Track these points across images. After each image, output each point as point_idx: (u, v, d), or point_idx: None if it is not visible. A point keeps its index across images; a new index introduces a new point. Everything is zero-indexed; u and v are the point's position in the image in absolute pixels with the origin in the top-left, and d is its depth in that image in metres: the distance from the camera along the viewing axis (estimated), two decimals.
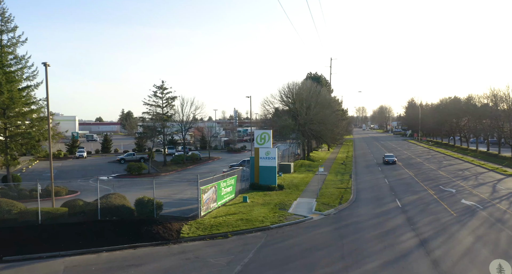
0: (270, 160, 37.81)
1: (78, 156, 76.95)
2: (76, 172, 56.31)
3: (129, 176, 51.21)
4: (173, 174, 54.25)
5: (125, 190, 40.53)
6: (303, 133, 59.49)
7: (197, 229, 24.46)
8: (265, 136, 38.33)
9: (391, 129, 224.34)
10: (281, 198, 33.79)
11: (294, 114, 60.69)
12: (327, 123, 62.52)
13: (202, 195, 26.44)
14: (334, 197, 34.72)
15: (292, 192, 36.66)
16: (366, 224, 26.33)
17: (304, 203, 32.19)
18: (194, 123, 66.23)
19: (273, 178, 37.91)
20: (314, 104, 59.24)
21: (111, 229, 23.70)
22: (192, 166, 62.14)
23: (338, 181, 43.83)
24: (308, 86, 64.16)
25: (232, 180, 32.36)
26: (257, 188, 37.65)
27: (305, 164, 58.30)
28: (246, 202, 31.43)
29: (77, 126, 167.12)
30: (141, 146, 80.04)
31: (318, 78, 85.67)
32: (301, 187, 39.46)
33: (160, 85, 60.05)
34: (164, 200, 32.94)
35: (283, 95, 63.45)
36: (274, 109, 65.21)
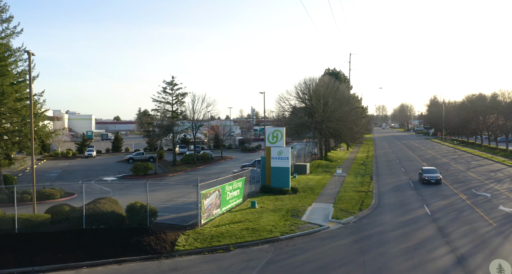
0: (283, 161, 34.37)
1: (87, 155, 74.85)
2: (81, 172, 53.91)
3: (134, 176, 48.47)
4: (181, 174, 51.30)
5: (126, 192, 37.80)
6: (320, 131, 55.82)
7: (195, 240, 21.24)
8: (277, 134, 34.92)
9: (412, 128, 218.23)
10: (294, 203, 30.34)
11: (310, 111, 57.06)
12: (346, 120, 58.68)
13: (203, 200, 23.21)
14: (354, 202, 31.09)
15: (307, 196, 33.15)
16: (391, 236, 22.70)
17: (319, 209, 28.68)
18: (206, 121, 63.04)
19: (285, 180, 34.47)
20: (332, 101, 55.49)
21: (96, 240, 20.67)
22: (203, 166, 59.14)
23: (358, 184, 40.12)
24: (326, 81, 60.45)
25: (240, 182, 29.06)
26: (268, 191, 34.28)
27: (322, 165, 54.63)
28: (254, 208, 28.09)
29: (93, 125, 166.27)
30: (152, 145, 77.50)
31: (337, 74, 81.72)
32: (317, 190, 35.92)
33: (170, 81, 57.24)
34: (165, 205, 30.08)
35: (299, 91, 59.89)
36: (290, 106, 61.66)
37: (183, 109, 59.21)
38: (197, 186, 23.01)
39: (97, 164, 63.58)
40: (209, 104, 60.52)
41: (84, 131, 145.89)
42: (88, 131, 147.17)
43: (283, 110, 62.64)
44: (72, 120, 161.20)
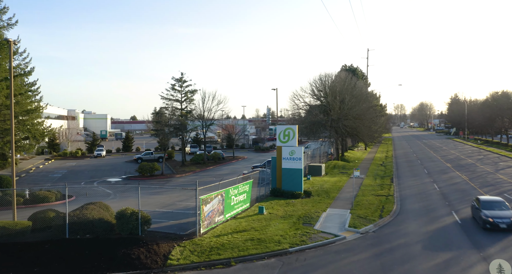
0: (295, 162, 31.48)
1: (96, 155, 73.08)
2: (87, 172, 51.91)
3: (139, 177, 46.18)
4: (189, 175, 48.82)
5: (128, 195, 35.47)
6: (336, 130, 52.70)
7: (191, 253, 18.58)
8: (289, 132, 32.05)
9: (432, 127, 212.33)
10: (307, 208, 27.44)
11: (326, 109, 54.00)
12: (363, 118, 55.42)
13: (203, 206, 20.52)
14: (373, 207, 28.05)
15: (321, 201, 30.21)
16: (417, 249, 19.66)
17: (335, 216, 25.76)
18: (216, 119, 60.39)
19: (298, 183, 31.57)
20: (349, 97, 52.30)
21: (79, 252, 18.16)
22: (213, 166, 56.60)
23: (377, 186, 37.00)
24: (343, 77, 57.27)
25: (246, 186, 26.28)
26: (279, 195, 31.44)
27: (338, 166, 51.50)
28: (262, 214, 25.29)
29: (108, 125, 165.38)
30: (163, 145, 75.23)
31: (354, 70, 78.29)
32: (333, 194, 32.93)
33: (179, 78, 54.87)
34: (163, 210, 27.51)
35: (314, 88, 56.82)
36: (305, 104, 58.63)
37: (192, 107, 56.81)
38: (196, 190, 20.31)
39: (105, 164, 61.65)
40: (220, 101, 57.95)
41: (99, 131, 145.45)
42: (102, 131, 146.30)
43: (297, 108, 59.67)
44: (87, 120, 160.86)
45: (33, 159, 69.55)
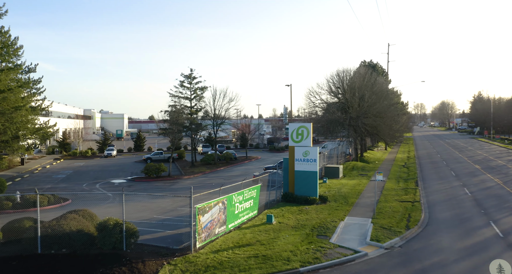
0: (309, 164, 28.24)
1: (106, 155, 70.96)
2: (92, 173, 49.56)
3: (145, 179, 43.56)
4: (198, 177, 45.98)
5: (129, 198, 32.62)
6: (355, 128, 49.19)
7: (182, 273, 15.60)
8: (302, 131, 28.83)
9: (454, 127, 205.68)
10: (323, 216, 24.20)
11: (344, 106, 50.53)
12: (384, 116, 51.76)
13: (199, 217, 17.51)
14: (398, 216, 24.67)
15: (339, 207, 26.91)
16: (455, 271, 16.29)
17: (354, 226, 22.49)
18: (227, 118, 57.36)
19: (312, 187, 28.31)
20: (369, 94, 48.74)
21: (50, 271, 15.38)
22: (224, 167, 53.69)
23: (401, 191, 33.52)
24: (362, 73, 53.70)
25: (253, 191, 23.18)
26: (291, 200, 28.26)
27: (357, 167, 47.98)
28: (270, 224, 22.16)
29: (125, 124, 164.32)
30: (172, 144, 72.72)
31: (374, 66, 74.42)
32: (352, 199, 29.59)
33: (188, 74, 52.08)
34: (164, 216, 24.66)
35: (331, 84, 53.40)
36: (321, 102, 55.21)
37: (202, 105, 54.00)
38: (190, 198, 17.30)
39: (113, 164, 59.38)
40: (231, 99, 54.95)
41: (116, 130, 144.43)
42: (118, 130, 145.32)
43: (314, 105, 56.27)
44: (104, 119, 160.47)
45: (42, 158, 67.87)
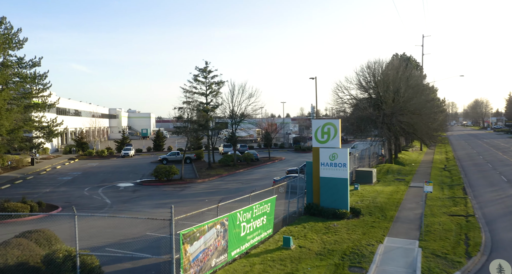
0: (338, 169, 23.29)
1: (123, 154, 67.63)
2: (101, 175, 45.93)
3: (154, 182, 39.50)
4: (214, 180, 41.55)
5: (130, 206, 28.67)
6: (389, 126, 43.72)
7: None
8: (329, 129, 23.90)
9: (489, 126, 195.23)
10: (356, 237, 19.25)
11: (377, 102, 45.14)
12: (422, 113, 46.07)
13: (185, 246, 12.84)
14: (452, 237, 19.48)
15: (376, 224, 21.87)
16: None
17: (398, 252, 17.46)
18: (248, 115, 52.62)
19: (342, 198, 23.33)
20: (405, 88, 43.21)
21: None
22: (244, 169, 49.13)
23: (447, 200, 28.15)
24: (396, 65, 48.18)
25: (267, 205, 18.43)
26: (316, 213, 23.37)
27: (392, 170, 42.50)
28: (288, 248, 17.37)
29: (152, 123, 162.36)
30: (195, 144, 68.81)
31: (407, 59, 68.43)
32: (390, 212, 24.47)
33: (203, 68, 47.80)
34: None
35: (361, 78, 48.05)
36: (350, 97, 49.88)
37: (219, 101, 49.62)
38: (171, 222, 12.67)
39: (127, 165, 55.81)
40: (251, 94, 50.21)
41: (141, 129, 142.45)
42: (143, 129, 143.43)
43: (342, 102, 50.92)
44: (131, 118, 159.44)
45: (57, 158, 65.15)
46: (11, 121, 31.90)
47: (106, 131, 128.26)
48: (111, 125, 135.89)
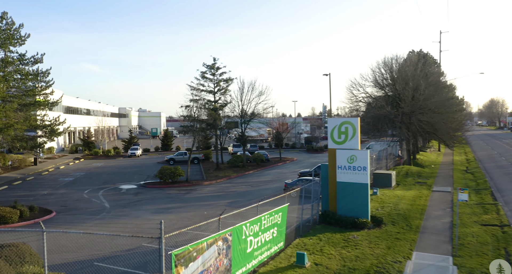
0: (357, 173, 20.83)
1: (130, 154, 65.80)
2: (105, 176, 44.02)
3: (158, 184, 37.45)
4: (221, 182, 39.32)
5: (128, 212, 26.52)
6: (407, 126, 41.03)
7: None
8: (346, 128, 21.46)
9: (505, 126, 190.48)
10: (379, 252, 16.82)
11: (395, 99, 42.48)
12: (443, 112, 43.30)
13: (178, 269, 10.52)
14: (489, 251, 16.95)
15: (400, 235, 19.38)
16: None
17: (429, 271, 14.97)
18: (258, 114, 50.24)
19: (362, 205, 20.88)
20: (425, 85, 40.47)
21: None
22: (254, 170, 46.82)
23: (476, 207, 25.54)
24: (414, 61, 45.48)
25: (277, 215, 16.09)
26: (332, 222, 20.96)
27: (412, 172, 39.84)
28: (302, 266, 15.00)
29: (163, 123, 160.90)
30: (204, 143, 66.62)
31: (425, 56, 65.42)
32: (415, 221, 21.95)
33: (211, 64, 45.60)
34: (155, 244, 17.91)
35: (377, 74, 45.43)
36: (365, 95, 47.23)
37: (228, 100, 47.36)
38: (160, 239, 10.37)
39: (133, 165, 53.91)
40: (261, 92, 47.86)
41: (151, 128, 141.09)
42: (153, 128, 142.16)
43: (356, 100, 48.28)
44: (142, 118, 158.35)
45: (62, 158, 63.60)
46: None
47: (116, 131, 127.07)
48: (121, 125, 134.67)
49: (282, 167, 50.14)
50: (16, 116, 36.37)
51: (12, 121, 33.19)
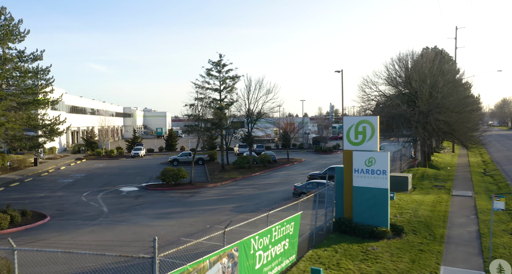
0: (376, 177, 18.89)
1: (133, 154, 64.22)
2: (106, 177, 42.39)
3: (160, 186, 35.73)
4: (227, 185, 37.50)
5: (128, 217, 24.78)
6: (424, 126, 38.94)
7: None
8: (364, 128, 19.54)
9: None
10: (403, 267, 14.87)
11: (410, 98, 40.40)
12: (461, 111, 41.15)
13: None
14: None
15: (424, 246, 17.42)
16: None
17: None
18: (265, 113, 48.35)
19: (381, 212, 18.93)
20: (444, 82, 38.35)
21: None
22: (260, 172, 44.95)
23: (503, 214, 23.47)
24: (431, 57, 43.36)
25: (289, 225, 14.22)
26: (348, 231, 19.02)
27: (428, 175, 37.78)
28: None
29: (168, 122, 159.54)
30: (211, 144, 64.89)
31: (440, 53, 63.13)
32: (439, 230, 19.96)
33: (217, 61, 43.82)
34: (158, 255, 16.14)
35: (391, 71, 43.36)
36: (379, 93, 45.14)
37: (234, 98, 45.53)
38: (154, 259, 8.55)
39: (135, 166, 52.29)
40: (269, 90, 45.94)
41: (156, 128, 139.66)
42: (158, 128, 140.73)
43: (369, 98, 46.21)
44: (147, 117, 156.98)
45: (64, 158, 62.16)
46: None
47: (121, 130, 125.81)
48: (126, 124, 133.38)
49: (290, 169, 48.24)
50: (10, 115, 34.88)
51: (2, 120, 31.63)
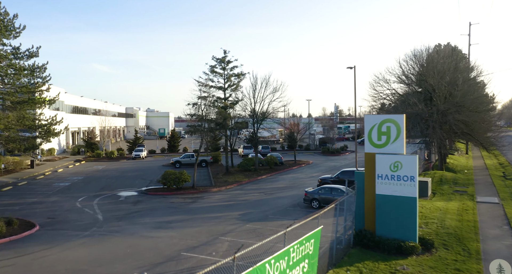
0: (403, 184, 16.58)
1: (134, 156, 62.20)
2: (104, 180, 40.27)
3: (161, 191, 33.61)
4: (231, 189, 35.25)
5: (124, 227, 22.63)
6: (441, 126, 36.53)
7: None
8: (388, 128, 17.23)
9: None
10: None
11: (426, 96, 38.01)
12: (481, 111, 38.75)
13: None
14: None
15: (460, 265, 15.07)
16: None
17: None
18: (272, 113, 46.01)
19: (408, 224, 16.61)
20: (463, 80, 35.98)
21: None
22: (267, 175, 42.69)
23: None
24: (447, 53, 41.03)
25: (309, 243, 11.90)
26: (371, 246, 16.70)
27: (446, 179, 35.37)
28: None
29: (171, 123, 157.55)
30: (214, 145, 62.69)
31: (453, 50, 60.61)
32: (472, 244, 17.60)
33: (221, 57, 41.60)
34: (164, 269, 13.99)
35: (404, 68, 40.98)
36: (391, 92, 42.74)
37: (239, 97, 43.29)
38: None
39: (135, 168, 50.17)
40: (276, 89, 43.63)
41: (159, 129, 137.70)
42: (160, 129, 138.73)
43: (381, 97, 43.81)
44: (149, 118, 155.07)
45: (63, 160, 60.17)
46: None
47: (123, 131, 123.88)
48: (128, 125, 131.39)
49: (297, 171, 45.95)
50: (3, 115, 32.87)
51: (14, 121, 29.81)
